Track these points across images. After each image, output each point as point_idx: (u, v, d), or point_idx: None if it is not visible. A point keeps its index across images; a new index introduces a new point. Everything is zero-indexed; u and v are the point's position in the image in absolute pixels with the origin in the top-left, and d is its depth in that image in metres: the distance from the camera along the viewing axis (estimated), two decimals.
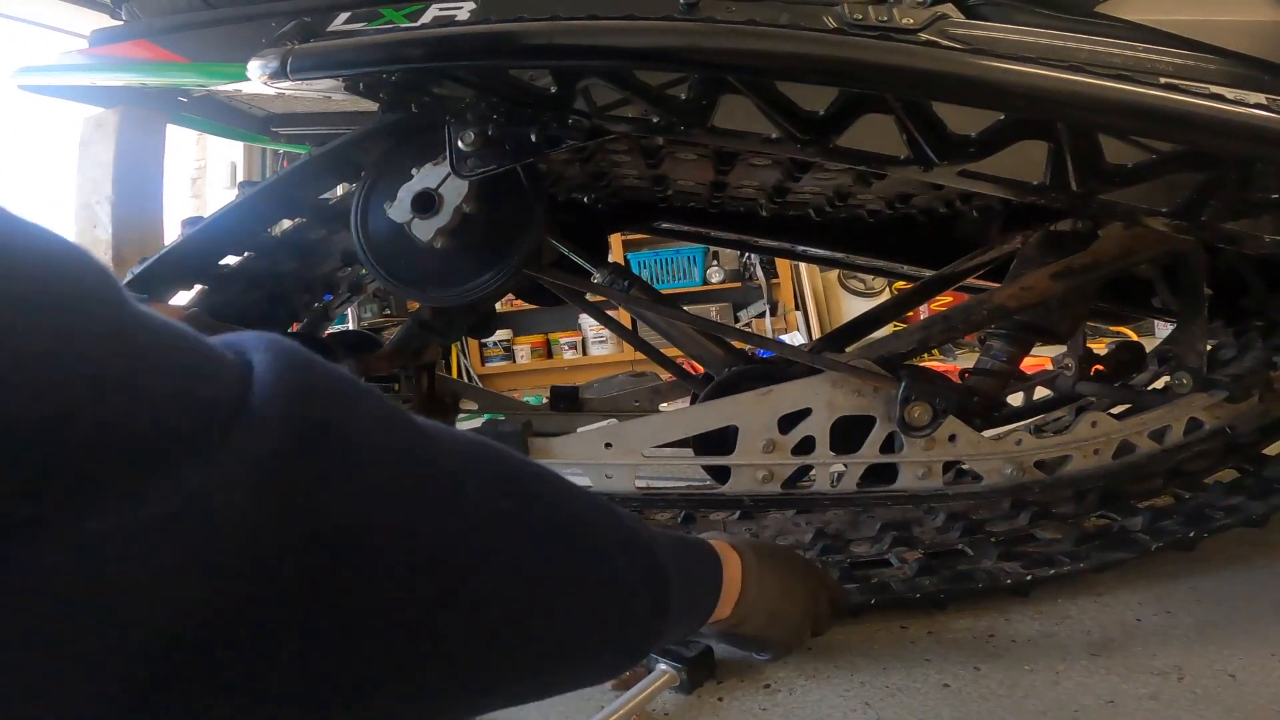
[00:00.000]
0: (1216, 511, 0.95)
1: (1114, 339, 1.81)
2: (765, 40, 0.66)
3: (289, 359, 0.27)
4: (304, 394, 0.27)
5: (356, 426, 0.29)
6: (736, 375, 0.99)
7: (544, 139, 0.79)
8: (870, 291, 3.96)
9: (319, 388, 0.28)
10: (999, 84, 0.64)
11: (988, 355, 1.05)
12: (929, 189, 1.07)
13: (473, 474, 0.34)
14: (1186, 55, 0.74)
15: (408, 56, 0.74)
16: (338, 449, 0.27)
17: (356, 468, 0.28)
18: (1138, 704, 0.73)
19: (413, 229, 0.88)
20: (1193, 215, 0.72)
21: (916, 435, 0.90)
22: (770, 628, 0.65)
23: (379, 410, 0.31)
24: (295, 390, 0.27)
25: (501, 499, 0.34)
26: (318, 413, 0.27)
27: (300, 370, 0.27)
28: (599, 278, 1.06)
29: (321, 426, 0.27)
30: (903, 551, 1.02)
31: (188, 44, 0.88)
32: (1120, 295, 1.33)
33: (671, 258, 4.03)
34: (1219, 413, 0.98)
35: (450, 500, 0.32)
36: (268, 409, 0.25)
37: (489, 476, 0.35)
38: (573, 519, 0.39)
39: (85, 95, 1.14)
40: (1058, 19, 0.74)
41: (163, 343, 0.24)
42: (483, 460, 0.36)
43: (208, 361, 0.25)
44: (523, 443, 0.95)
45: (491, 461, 0.36)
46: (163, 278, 1.02)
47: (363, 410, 0.30)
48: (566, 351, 4.12)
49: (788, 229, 1.46)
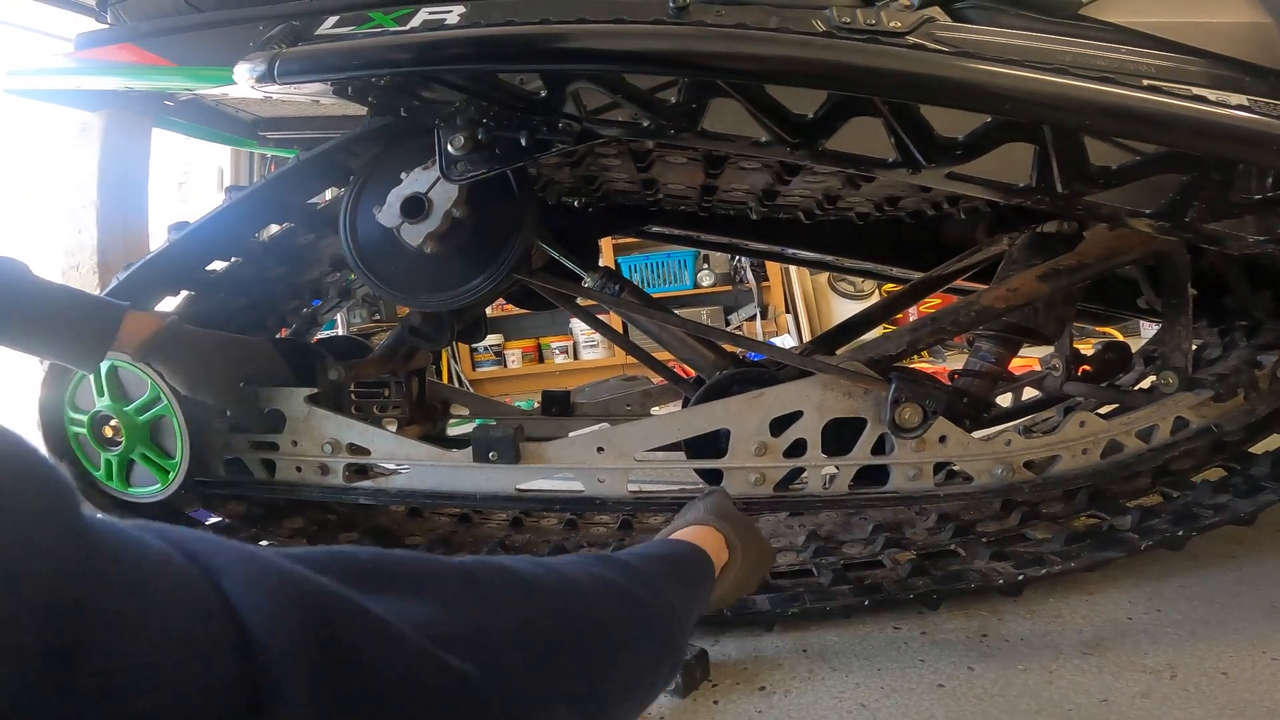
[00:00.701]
0: (1205, 510, 0.96)
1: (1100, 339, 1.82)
2: (754, 44, 0.66)
3: (301, 628, 0.24)
4: (323, 694, 0.24)
5: (384, 713, 0.27)
6: (728, 379, 0.99)
7: (534, 143, 0.78)
8: (860, 294, 3.98)
9: (343, 664, 0.25)
10: (985, 87, 0.65)
11: (976, 357, 1.05)
12: (917, 191, 1.07)
13: (519, 698, 0.33)
14: (1169, 57, 0.75)
15: (397, 60, 0.73)
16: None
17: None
18: (1131, 702, 0.74)
19: (402, 233, 0.88)
20: (1176, 216, 0.73)
21: (907, 437, 0.90)
22: (711, 606, 0.71)
23: (405, 664, 0.29)
24: (316, 694, 0.24)
25: (555, 706, 0.35)
26: (343, 704, 0.25)
27: (316, 654, 0.25)
28: (590, 282, 1.06)
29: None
30: (895, 552, 1.02)
31: (174, 47, 0.88)
32: (1106, 296, 1.34)
33: (662, 261, 4.04)
34: (1205, 411, 0.99)
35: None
36: (290, 698, 0.23)
37: (540, 692, 0.34)
38: (623, 676, 0.41)
39: (71, 99, 1.13)
40: (1043, 22, 0.75)
41: (141, 627, 0.21)
42: (529, 664, 0.34)
43: (200, 648, 0.22)
44: (514, 447, 0.95)
45: (539, 664, 0.35)
46: (148, 283, 1.01)
47: (391, 682, 0.27)
48: (558, 356, 4.11)
49: (778, 232, 1.46)
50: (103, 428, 0.98)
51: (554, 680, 0.36)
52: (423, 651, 0.30)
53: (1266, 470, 0.99)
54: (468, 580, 0.36)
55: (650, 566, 0.51)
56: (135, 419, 0.97)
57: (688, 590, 0.55)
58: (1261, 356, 1.06)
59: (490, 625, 0.34)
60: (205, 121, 1.23)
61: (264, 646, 0.23)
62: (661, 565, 0.54)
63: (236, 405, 0.97)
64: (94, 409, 0.98)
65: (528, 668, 0.34)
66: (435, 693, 0.29)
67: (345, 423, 0.99)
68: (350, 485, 1.01)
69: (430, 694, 0.29)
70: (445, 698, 0.30)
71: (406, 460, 0.99)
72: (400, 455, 0.99)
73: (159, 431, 0.98)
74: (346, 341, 1.40)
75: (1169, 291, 1.03)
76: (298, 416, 0.99)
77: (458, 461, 0.97)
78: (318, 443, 0.99)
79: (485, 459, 0.96)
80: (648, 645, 0.45)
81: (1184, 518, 0.95)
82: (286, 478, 1.01)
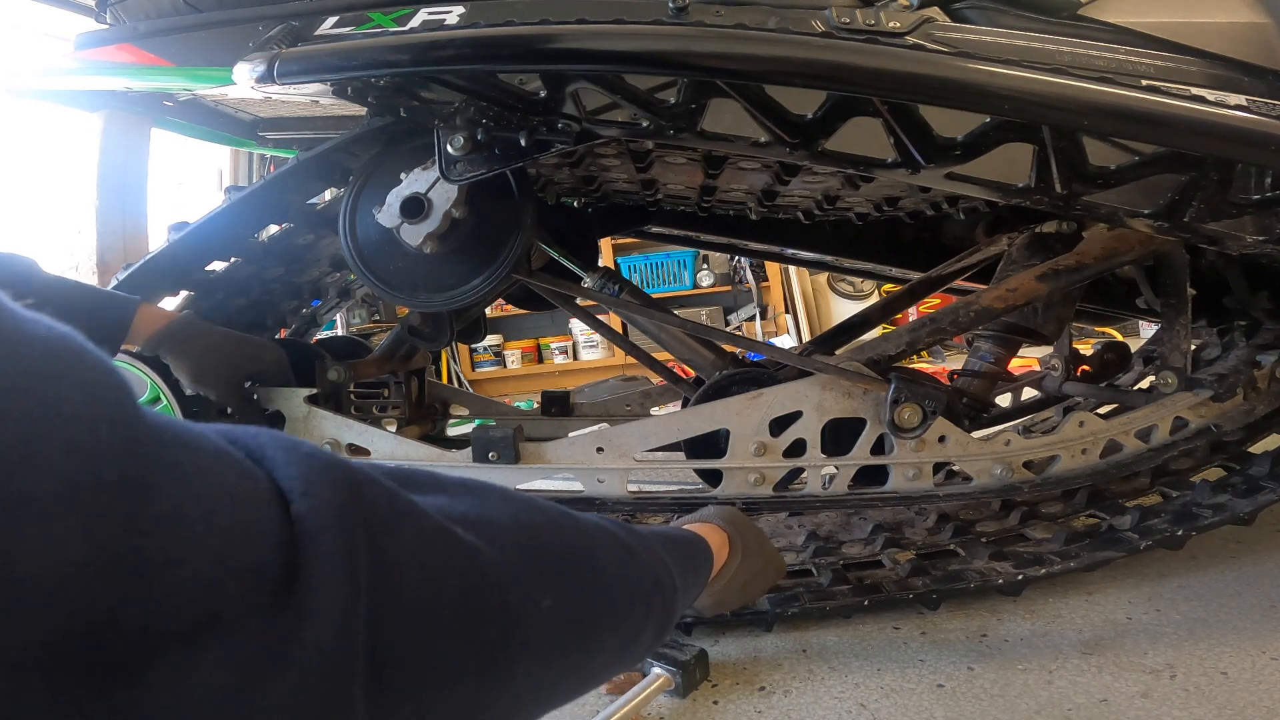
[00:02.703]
0: (1204, 510, 0.96)
1: (1100, 339, 1.82)
2: (754, 44, 0.66)
3: (332, 495, 0.27)
4: (356, 551, 0.26)
5: (408, 568, 0.29)
6: (727, 379, 0.99)
7: (533, 143, 0.78)
8: (860, 294, 3.98)
9: (367, 525, 0.27)
10: (984, 87, 0.65)
11: (976, 357, 1.05)
12: (916, 192, 1.07)
13: (518, 581, 0.35)
14: (1168, 57, 0.75)
15: (396, 61, 0.73)
16: (393, 602, 0.28)
17: (414, 620, 0.29)
18: (1130, 702, 0.74)
19: (402, 234, 0.88)
20: (1175, 216, 0.73)
21: (906, 437, 0.90)
22: (712, 608, 0.73)
23: (424, 530, 0.31)
24: (347, 550, 0.26)
25: (543, 598, 0.37)
26: (371, 563, 0.27)
27: (347, 515, 0.27)
28: (589, 282, 1.06)
29: (374, 582, 0.27)
30: (895, 552, 1.02)
31: (173, 48, 0.88)
32: (1105, 296, 1.34)
33: (662, 262, 4.04)
34: (1204, 411, 0.99)
35: (501, 625, 0.33)
36: (323, 576, 0.25)
37: (533, 581, 0.37)
38: (608, 601, 0.43)
39: (70, 99, 1.13)
40: (1041, 22, 0.75)
41: (195, 474, 0.23)
42: (526, 555, 0.37)
43: (245, 501, 0.24)
44: (514, 448, 0.95)
45: (534, 559, 0.38)
46: (148, 283, 1.01)
47: (412, 542, 0.30)
48: (557, 356, 4.11)
49: (777, 232, 1.46)
50: None
51: (545, 574, 0.38)
52: (441, 526, 0.33)
53: (1265, 470, 0.99)
54: (464, 487, 0.39)
55: (645, 532, 0.53)
56: None
57: (681, 561, 0.56)
58: (1260, 356, 1.06)
59: (492, 517, 0.37)
60: (204, 122, 1.23)
61: (301, 510, 0.26)
62: (655, 534, 0.56)
63: (239, 403, 0.97)
64: None
65: (524, 556, 0.37)
66: (449, 559, 0.32)
67: (345, 423, 0.99)
68: None
69: (446, 560, 0.32)
70: (458, 565, 0.32)
71: (406, 460, 0.99)
72: (400, 455, 0.99)
73: None
74: (346, 341, 1.40)
75: (1168, 291, 1.03)
76: (297, 417, 0.99)
77: (457, 462, 0.98)
78: (317, 443, 0.99)
79: (485, 459, 0.96)
80: (636, 582, 0.46)
81: (1183, 517, 0.95)
82: None
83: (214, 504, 0.23)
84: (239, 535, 0.23)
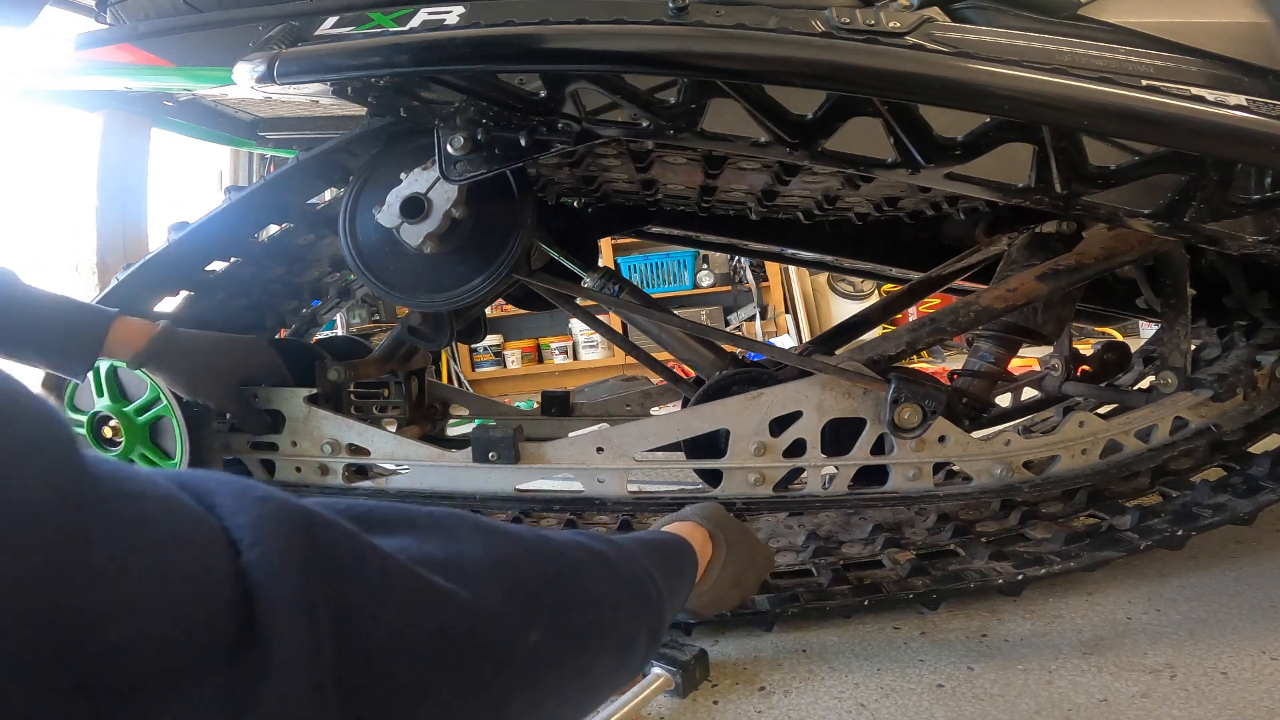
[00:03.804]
0: (1204, 510, 0.96)
1: (1099, 339, 1.82)
2: (754, 44, 0.66)
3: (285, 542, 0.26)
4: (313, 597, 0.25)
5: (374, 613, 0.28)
6: (727, 379, 0.99)
7: (533, 143, 0.78)
8: (859, 294, 3.98)
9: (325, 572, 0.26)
10: (984, 87, 0.65)
11: (976, 357, 1.05)
12: (916, 192, 1.07)
13: (499, 618, 0.34)
14: (1168, 57, 0.75)
15: (396, 61, 0.73)
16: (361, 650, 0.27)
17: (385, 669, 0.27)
18: (1130, 702, 0.74)
19: (401, 234, 0.88)
20: (1175, 216, 0.73)
21: (906, 437, 0.90)
22: (709, 608, 0.72)
23: (389, 573, 0.30)
24: (305, 599, 0.25)
25: (529, 632, 0.36)
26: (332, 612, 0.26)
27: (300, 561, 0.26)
28: (589, 282, 1.06)
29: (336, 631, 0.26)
30: (894, 552, 1.02)
31: (173, 48, 0.88)
32: (1105, 296, 1.34)
33: (662, 262, 4.04)
34: (1204, 411, 0.99)
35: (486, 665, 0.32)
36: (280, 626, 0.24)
37: (516, 616, 0.36)
38: (596, 622, 0.42)
39: (70, 99, 1.13)
40: (1041, 22, 0.75)
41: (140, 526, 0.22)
42: (506, 590, 0.36)
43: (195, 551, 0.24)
44: (514, 448, 0.95)
45: (514, 592, 0.37)
46: (148, 284, 1.01)
47: (376, 585, 0.29)
48: (557, 356, 4.11)
49: (777, 232, 1.46)
50: (102, 428, 0.98)
51: (527, 607, 0.37)
52: (406, 568, 0.31)
53: (1266, 470, 0.99)
54: (434, 521, 0.38)
55: (625, 542, 0.52)
56: (135, 419, 0.97)
57: (665, 566, 0.56)
58: (1260, 356, 1.06)
59: (465, 554, 0.36)
60: (204, 122, 1.23)
61: (251, 559, 0.25)
62: (636, 543, 0.55)
63: (236, 408, 0.97)
64: (93, 409, 0.98)
65: (504, 592, 0.36)
66: (419, 602, 0.31)
67: (345, 423, 0.99)
68: (350, 485, 1.01)
69: (415, 603, 0.30)
70: (429, 607, 0.31)
71: (406, 460, 0.99)
72: (400, 455, 0.99)
73: (158, 432, 0.99)
74: (346, 341, 1.40)
75: (1168, 291, 1.03)
76: (297, 417, 0.99)
77: (457, 462, 0.98)
78: (317, 443, 0.99)
79: (485, 459, 0.96)
80: (624, 597, 0.46)
81: (1183, 517, 0.95)
82: (286, 478, 1.01)
83: (160, 555, 0.22)
84: (189, 587, 0.23)
